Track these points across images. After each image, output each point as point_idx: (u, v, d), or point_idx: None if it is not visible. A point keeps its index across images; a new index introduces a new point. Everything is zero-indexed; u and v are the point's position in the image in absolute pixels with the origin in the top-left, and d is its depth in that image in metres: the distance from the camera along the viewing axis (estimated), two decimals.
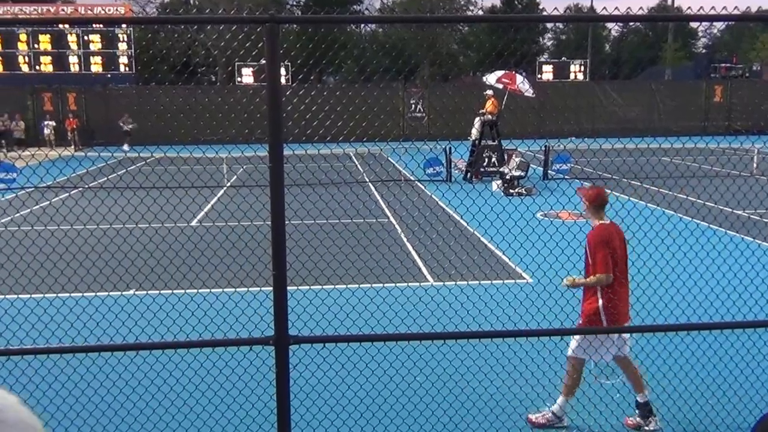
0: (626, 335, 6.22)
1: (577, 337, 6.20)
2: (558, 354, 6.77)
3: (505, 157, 21.94)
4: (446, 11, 55.03)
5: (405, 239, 13.70)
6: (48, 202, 15.78)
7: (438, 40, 56.26)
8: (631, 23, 66.41)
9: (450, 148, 21.52)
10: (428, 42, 54.01)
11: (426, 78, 52.79)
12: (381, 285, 9.22)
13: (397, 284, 9.63)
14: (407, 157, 25.87)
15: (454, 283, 10.22)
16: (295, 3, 62.10)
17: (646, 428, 6.19)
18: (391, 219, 15.63)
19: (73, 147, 35.85)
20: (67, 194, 16.94)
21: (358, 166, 25.21)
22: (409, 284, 10.08)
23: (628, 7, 4.67)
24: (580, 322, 6.22)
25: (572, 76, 43.70)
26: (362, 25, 61.80)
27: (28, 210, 16.02)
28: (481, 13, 57.65)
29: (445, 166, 22.28)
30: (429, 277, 11.08)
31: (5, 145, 34.35)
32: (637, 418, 6.24)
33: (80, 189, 16.74)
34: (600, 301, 6.07)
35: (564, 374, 6.33)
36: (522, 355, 7.17)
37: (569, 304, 8.14)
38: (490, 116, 22.64)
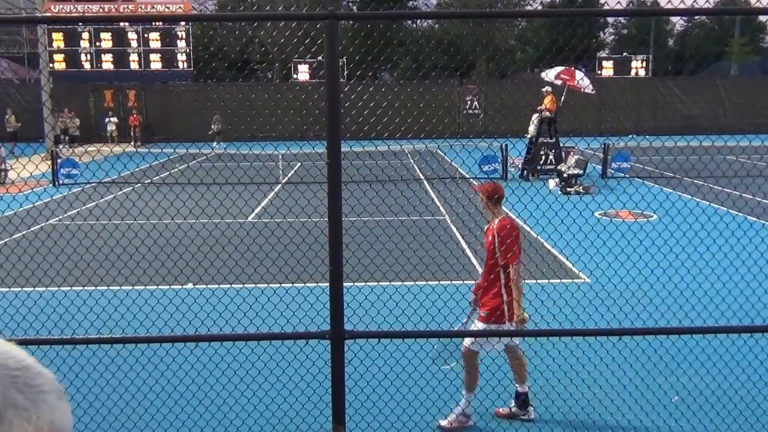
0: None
1: (474, 329, 6.24)
2: (616, 354, 6.68)
3: (563, 154, 21.68)
4: (504, 6, 54.53)
5: (460, 237, 13.65)
6: (113, 196, 16.20)
7: (496, 35, 55.80)
8: (696, 17, 64.80)
9: (506, 145, 21.37)
10: (486, 38, 53.61)
11: (483, 74, 52.45)
12: (436, 282, 9.20)
13: (453, 281, 9.60)
14: (464, 154, 25.75)
15: None
16: (352, 0, 62.30)
17: (523, 417, 6.32)
18: (446, 216, 15.58)
19: (133, 143, 36.69)
20: (131, 188, 17.37)
21: (414, 163, 25.21)
22: (465, 281, 10.04)
23: (694, 0, 4.55)
24: (483, 315, 6.21)
25: (633, 72, 42.87)
26: (419, 21, 61.71)
27: (94, 203, 16.46)
28: (539, 7, 57.01)
29: (501, 163, 22.12)
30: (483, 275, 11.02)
31: (68, 141, 35.18)
32: (513, 408, 6.36)
33: (143, 184, 17.15)
34: (504, 297, 6.15)
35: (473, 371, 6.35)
36: (579, 354, 7.08)
37: (628, 303, 8.02)
38: (548, 113, 22.39)
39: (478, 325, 6.24)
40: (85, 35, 39.99)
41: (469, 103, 40.73)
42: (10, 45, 44.57)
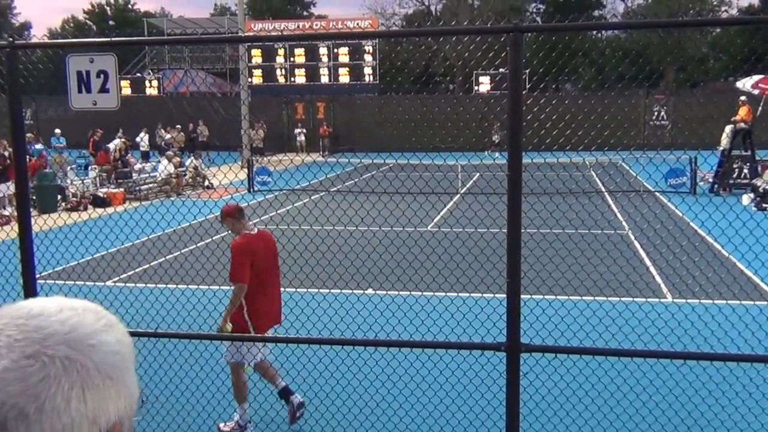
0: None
1: (227, 343, 6.51)
2: None
3: (759, 168, 20.31)
4: (696, 13, 51.78)
5: (643, 253, 13.17)
6: (302, 203, 17.10)
7: (688, 43, 53.05)
8: None
9: (696, 158, 20.34)
10: (677, 46, 51.11)
11: (672, 83, 50.05)
12: (617, 299, 8.96)
13: (635, 298, 9.31)
14: (650, 167, 24.77)
15: (697, 301, 9.68)
16: (534, 11, 61.64)
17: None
18: (629, 231, 15.07)
19: (321, 153, 38.32)
20: (319, 196, 18.26)
21: (596, 176, 24.54)
22: (648, 299, 9.70)
23: None
24: (231, 327, 6.39)
25: None
26: (604, 31, 59.92)
27: (285, 209, 17.43)
28: (735, 12, 53.64)
29: (689, 177, 21.07)
30: (668, 293, 10.59)
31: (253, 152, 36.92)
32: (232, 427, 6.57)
33: (329, 192, 17.97)
34: (244, 309, 6.37)
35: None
36: None
37: None
38: (743, 124, 21.08)
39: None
40: (281, 51, 42.43)
41: (655, 113, 39.03)
42: (215, 61, 48.15)
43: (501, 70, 35.48)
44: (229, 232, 6.75)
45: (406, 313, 8.00)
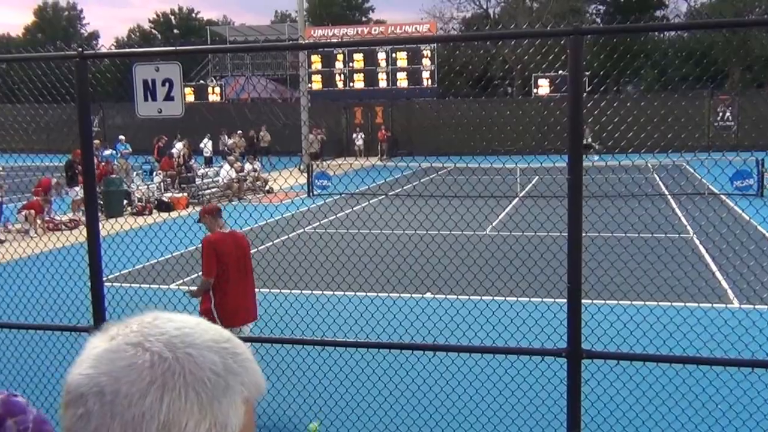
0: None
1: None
2: None
3: None
4: (762, 11, 50.24)
5: (708, 257, 12.84)
6: (361, 207, 17.17)
7: (754, 43, 51.47)
8: None
9: (763, 159, 19.75)
10: (743, 46, 49.63)
11: (738, 84, 48.64)
12: (682, 304, 8.76)
13: (700, 304, 9.09)
14: (716, 170, 24.15)
15: (765, 307, 9.41)
16: (594, 12, 60.72)
17: None
18: (694, 235, 14.71)
19: (380, 157, 38.43)
20: (378, 200, 18.31)
21: (659, 179, 24.04)
22: (714, 305, 9.45)
23: None
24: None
25: None
26: (666, 31, 58.63)
27: (344, 214, 17.54)
28: None
29: (756, 179, 20.47)
30: (735, 299, 10.30)
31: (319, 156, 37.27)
32: None
33: (388, 196, 18.00)
34: (212, 302, 6.75)
35: None
36: None
37: None
38: None
39: None
40: (340, 57, 42.80)
41: (720, 115, 38.02)
42: (276, 68, 48.84)
43: (560, 72, 35.03)
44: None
45: (465, 317, 7.97)
